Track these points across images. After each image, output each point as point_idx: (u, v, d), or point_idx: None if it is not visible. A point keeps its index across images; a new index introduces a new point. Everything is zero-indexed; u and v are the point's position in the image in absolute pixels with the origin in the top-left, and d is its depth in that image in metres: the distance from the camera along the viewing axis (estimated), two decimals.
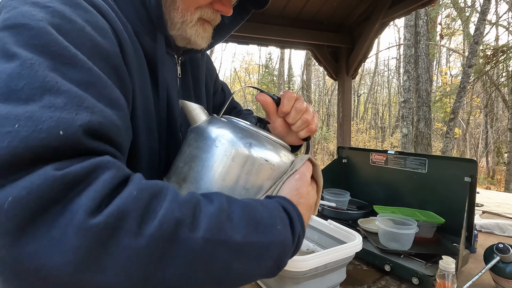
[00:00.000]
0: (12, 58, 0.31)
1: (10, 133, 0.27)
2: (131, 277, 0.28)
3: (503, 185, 8.16)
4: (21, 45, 0.32)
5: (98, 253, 0.27)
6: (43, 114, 0.28)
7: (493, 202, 2.00)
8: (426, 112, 7.38)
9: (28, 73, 0.30)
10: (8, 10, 0.35)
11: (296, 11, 3.12)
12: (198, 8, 0.53)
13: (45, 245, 0.25)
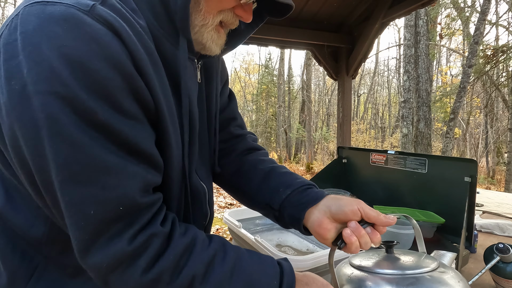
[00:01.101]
0: (57, 137, 0.37)
1: (90, 221, 0.39)
2: None
3: (503, 185, 8.16)
4: (61, 121, 0.37)
5: None
6: (100, 197, 0.39)
7: (493, 202, 2.00)
8: (426, 112, 7.38)
9: (80, 155, 0.38)
10: (32, 64, 0.36)
11: (296, 11, 3.12)
12: (220, 11, 0.52)
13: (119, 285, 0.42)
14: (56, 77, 0.36)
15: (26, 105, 0.36)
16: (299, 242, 1.05)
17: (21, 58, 0.36)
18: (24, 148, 0.37)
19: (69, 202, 0.37)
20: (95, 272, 0.40)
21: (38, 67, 0.36)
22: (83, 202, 0.37)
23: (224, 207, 5.35)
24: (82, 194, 0.37)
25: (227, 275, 0.45)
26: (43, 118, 0.35)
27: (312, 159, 13.48)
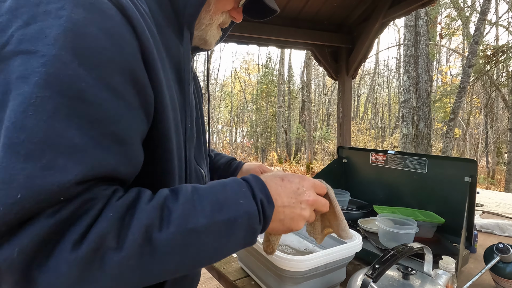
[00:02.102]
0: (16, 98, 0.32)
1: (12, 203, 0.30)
2: (125, 283, 0.35)
3: (503, 185, 8.17)
4: (30, 80, 0.32)
5: (88, 273, 0.32)
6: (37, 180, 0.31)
7: (493, 202, 2.00)
8: (426, 112, 7.38)
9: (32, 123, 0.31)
10: (22, 23, 0.33)
11: (296, 11, 3.12)
12: (222, 12, 0.58)
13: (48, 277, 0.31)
14: (43, 37, 0.33)
15: (1, 67, 0.33)
16: (298, 242, 1.05)
17: (8, 18, 0.34)
18: None
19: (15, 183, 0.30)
20: (10, 271, 0.30)
21: (28, 27, 0.33)
22: (13, 181, 0.30)
23: None
24: (13, 171, 0.30)
25: (189, 206, 0.39)
26: (15, 78, 0.32)
27: (312, 159, 13.49)
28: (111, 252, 0.33)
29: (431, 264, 0.72)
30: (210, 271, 1.08)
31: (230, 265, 1.03)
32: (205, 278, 2.54)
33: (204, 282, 2.53)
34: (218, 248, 0.41)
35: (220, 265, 1.03)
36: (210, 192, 0.42)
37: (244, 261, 0.98)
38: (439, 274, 0.71)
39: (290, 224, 0.49)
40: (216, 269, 1.03)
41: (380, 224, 1.01)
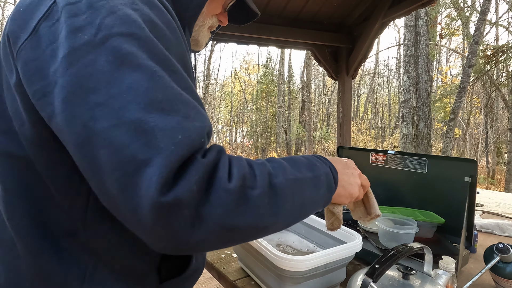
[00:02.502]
0: (140, 69, 0.37)
1: (175, 147, 0.35)
2: (261, 220, 0.40)
3: (503, 185, 8.16)
4: (145, 54, 0.38)
5: (238, 206, 0.37)
6: (185, 130, 0.37)
7: (493, 202, 2.00)
8: (426, 112, 7.38)
9: (165, 86, 0.38)
10: (105, 13, 0.38)
11: (296, 11, 3.12)
12: (213, 15, 0.64)
13: (212, 208, 0.36)
14: (133, 22, 0.39)
15: (99, 51, 0.37)
16: (299, 242, 1.05)
17: (90, 13, 0.38)
18: (97, 93, 0.35)
19: (155, 128, 0.35)
20: (182, 206, 0.34)
21: (113, 15, 0.38)
22: (173, 129, 0.36)
23: None
24: (168, 121, 0.36)
25: (285, 165, 0.47)
26: (123, 55, 0.37)
27: None
28: (250, 190, 0.39)
29: (431, 264, 0.72)
30: (210, 271, 1.08)
31: (230, 265, 1.03)
32: (205, 278, 2.54)
33: (204, 282, 2.53)
34: (311, 199, 0.48)
35: (220, 265, 1.03)
36: (293, 158, 0.51)
37: (244, 261, 0.98)
38: (439, 274, 0.71)
39: (350, 189, 0.57)
40: (216, 269, 1.03)
41: (380, 224, 1.01)
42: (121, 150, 0.34)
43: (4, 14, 15.36)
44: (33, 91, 0.39)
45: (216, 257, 1.11)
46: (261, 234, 0.43)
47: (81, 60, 0.36)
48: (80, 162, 0.37)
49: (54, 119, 0.38)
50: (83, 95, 0.36)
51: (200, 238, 0.36)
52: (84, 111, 0.35)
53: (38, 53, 0.39)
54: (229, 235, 0.38)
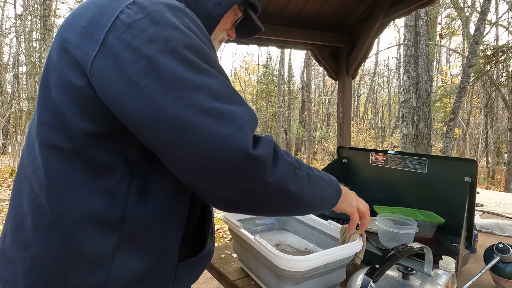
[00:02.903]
0: (207, 73, 0.49)
1: (248, 122, 0.49)
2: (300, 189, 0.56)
3: (503, 185, 8.16)
4: (205, 62, 0.50)
5: (293, 175, 0.54)
6: (248, 112, 0.51)
7: (493, 202, 1.99)
8: (426, 112, 7.38)
9: (225, 84, 0.51)
10: (170, 29, 0.49)
11: (296, 11, 3.12)
12: (223, 30, 0.74)
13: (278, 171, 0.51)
14: (191, 36, 0.50)
15: (171, 58, 0.47)
16: (298, 242, 1.05)
17: (156, 28, 0.48)
18: (176, 90, 0.46)
19: (234, 115, 0.48)
20: (263, 162, 0.48)
21: (176, 30, 0.49)
22: (242, 112, 0.49)
23: None
24: (233, 111, 0.48)
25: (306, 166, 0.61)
26: (190, 61, 0.48)
27: (312, 159, 13.49)
28: (297, 169, 0.55)
29: (431, 264, 0.72)
30: (210, 271, 1.08)
31: (230, 265, 1.03)
32: (205, 278, 2.54)
33: (204, 282, 2.53)
34: (326, 194, 0.65)
35: (220, 265, 1.03)
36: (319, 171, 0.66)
37: (244, 261, 0.98)
38: (439, 274, 0.71)
39: (345, 205, 0.75)
40: (216, 269, 1.03)
41: (380, 224, 1.01)
42: (207, 129, 0.45)
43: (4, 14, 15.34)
44: (110, 93, 0.47)
45: (216, 257, 1.11)
46: (298, 206, 0.57)
47: (158, 66, 0.46)
48: (165, 146, 0.47)
49: (134, 114, 0.47)
50: (165, 92, 0.45)
51: (270, 188, 0.50)
52: (168, 104, 0.45)
53: (111, 61, 0.47)
54: (282, 196, 0.52)
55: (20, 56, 14.59)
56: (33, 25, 15.81)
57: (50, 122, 0.52)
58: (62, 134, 0.51)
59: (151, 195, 0.55)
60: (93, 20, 0.50)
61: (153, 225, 0.55)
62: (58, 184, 0.51)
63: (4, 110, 11.57)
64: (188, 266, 0.62)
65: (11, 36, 16.83)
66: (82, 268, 0.52)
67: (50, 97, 0.52)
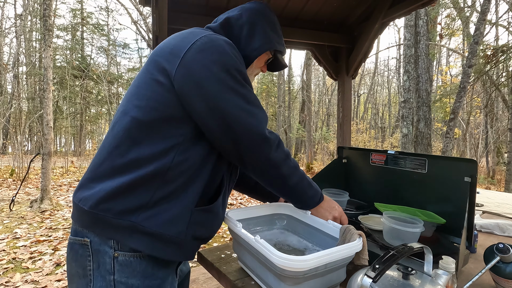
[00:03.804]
0: (245, 87, 0.82)
1: (265, 119, 0.84)
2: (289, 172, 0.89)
3: (503, 185, 8.16)
4: (244, 80, 0.83)
5: (288, 160, 0.88)
6: (265, 114, 0.85)
7: (493, 202, 2.00)
8: (426, 112, 7.38)
9: (254, 96, 0.84)
10: (227, 56, 0.80)
11: (296, 11, 3.12)
12: (258, 67, 1.04)
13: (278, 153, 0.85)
14: (239, 64, 0.82)
15: (227, 75, 0.78)
16: (298, 242, 1.05)
17: (218, 54, 0.79)
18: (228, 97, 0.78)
19: (258, 114, 0.82)
20: (270, 145, 0.82)
21: (231, 58, 0.81)
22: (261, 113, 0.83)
23: None
24: (258, 112, 0.82)
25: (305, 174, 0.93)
26: (237, 80, 0.80)
27: (312, 159, 13.48)
28: (289, 158, 0.88)
29: (431, 264, 0.72)
30: (210, 271, 1.08)
31: (230, 265, 1.03)
32: (205, 278, 2.54)
33: (204, 282, 2.53)
34: (305, 189, 0.94)
35: (220, 265, 1.03)
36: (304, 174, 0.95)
37: (244, 261, 0.98)
38: (439, 274, 0.71)
39: (324, 213, 1.00)
40: (216, 269, 1.03)
41: (386, 221, 1.01)
42: (244, 120, 0.79)
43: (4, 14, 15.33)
44: (184, 90, 0.77)
45: (216, 257, 1.11)
46: (283, 184, 0.88)
47: (218, 77, 0.77)
48: (214, 127, 0.78)
49: (198, 105, 0.77)
50: (221, 94, 0.77)
51: (270, 162, 0.83)
52: (222, 102, 0.77)
53: (188, 69, 0.77)
54: (275, 171, 0.85)
55: (20, 56, 14.57)
56: (33, 25, 15.80)
57: (137, 103, 0.80)
58: (141, 112, 0.78)
59: (189, 158, 0.80)
60: (177, 45, 0.80)
61: (186, 177, 0.80)
62: (128, 141, 0.78)
63: (4, 110, 11.56)
64: (200, 213, 0.83)
65: (11, 36, 16.83)
66: (141, 193, 0.77)
67: (139, 88, 0.82)
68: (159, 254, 0.77)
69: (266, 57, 1.03)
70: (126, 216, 0.75)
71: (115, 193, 0.75)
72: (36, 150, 13.22)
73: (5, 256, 3.08)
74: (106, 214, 0.75)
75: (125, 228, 0.75)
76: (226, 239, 3.78)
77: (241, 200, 5.85)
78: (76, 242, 0.78)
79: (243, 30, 0.95)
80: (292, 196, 0.93)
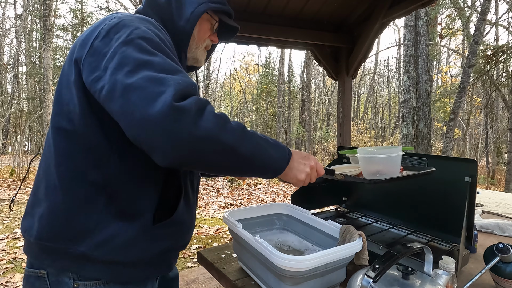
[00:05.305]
0: (155, 54, 0.63)
1: (180, 84, 0.59)
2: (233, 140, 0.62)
3: (503, 185, 8.16)
4: (154, 49, 0.65)
5: (223, 127, 0.60)
6: (184, 79, 0.61)
7: (493, 202, 2.00)
8: (426, 112, 7.38)
9: (168, 62, 0.64)
10: (132, 28, 0.66)
11: (296, 11, 3.12)
12: (204, 39, 0.89)
13: (205, 122, 0.59)
14: (148, 31, 0.67)
15: (129, 45, 0.63)
16: (298, 242, 1.05)
17: (126, 28, 0.66)
18: (128, 66, 0.60)
19: (169, 81, 0.59)
20: (187, 112, 0.57)
21: (138, 29, 0.66)
22: (177, 78, 0.61)
23: (224, 207, 5.34)
24: (170, 79, 0.60)
25: (256, 133, 0.68)
26: (142, 48, 0.63)
27: None
28: (229, 123, 0.62)
29: (431, 264, 0.72)
30: (210, 271, 1.08)
31: (230, 265, 1.03)
32: (205, 278, 2.54)
33: (204, 282, 2.53)
34: (265, 153, 0.67)
35: (220, 265, 1.03)
36: None
37: (244, 261, 0.98)
38: (439, 274, 0.71)
39: (296, 173, 0.74)
40: (216, 269, 1.03)
41: (363, 154, 0.93)
42: (145, 89, 0.57)
43: (4, 14, 15.34)
44: (92, 79, 0.63)
45: (216, 257, 1.11)
46: (234, 159, 0.62)
47: (119, 52, 0.62)
48: (119, 107, 0.58)
49: (103, 90, 0.60)
50: (121, 68, 0.60)
51: (198, 135, 0.57)
52: (121, 76, 0.59)
53: (94, 57, 0.64)
54: (214, 145, 0.59)
55: (20, 56, 14.58)
56: (33, 25, 15.80)
57: (58, 110, 0.70)
58: (66, 119, 0.69)
59: (128, 164, 0.69)
60: (87, 35, 0.69)
61: (133, 192, 0.70)
62: (63, 157, 0.69)
63: (4, 110, 11.56)
64: (160, 229, 0.73)
65: (11, 36, 16.82)
66: (81, 214, 0.68)
67: (60, 93, 0.71)
68: (124, 279, 0.70)
69: (209, 24, 0.88)
70: (74, 245, 0.66)
71: (55, 219, 0.67)
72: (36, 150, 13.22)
73: (5, 256, 3.08)
74: (53, 244, 0.67)
75: (78, 258, 0.67)
76: (226, 239, 3.78)
77: (241, 200, 5.85)
78: (32, 274, 0.70)
79: (171, 3, 0.81)
80: (254, 169, 0.67)
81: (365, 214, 1.45)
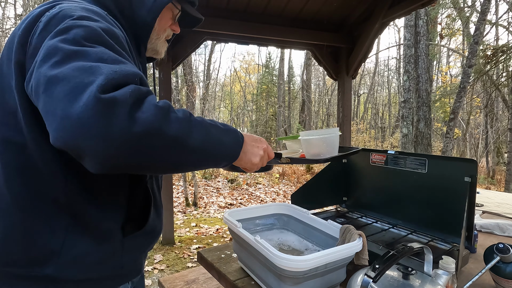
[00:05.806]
0: (93, 46, 0.54)
1: (116, 73, 0.50)
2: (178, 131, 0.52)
3: (503, 185, 8.16)
4: (94, 40, 0.55)
5: (166, 118, 0.51)
6: (124, 68, 0.52)
7: (493, 202, 1.99)
8: (426, 112, 7.38)
9: (108, 52, 0.54)
10: (71, 18, 0.57)
11: (296, 11, 3.12)
12: (165, 29, 0.82)
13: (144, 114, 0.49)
14: (94, 22, 0.58)
15: (58, 38, 0.53)
16: (299, 242, 1.05)
17: (64, 19, 0.57)
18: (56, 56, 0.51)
19: (99, 66, 0.50)
20: (117, 102, 0.47)
21: (76, 19, 0.57)
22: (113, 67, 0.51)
23: (224, 207, 5.34)
24: (110, 65, 0.51)
25: (204, 119, 0.60)
26: (75, 38, 0.53)
27: None
28: (174, 113, 0.53)
29: (431, 264, 0.72)
30: (210, 271, 1.08)
31: (230, 265, 1.03)
32: (205, 278, 2.54)
33: (204, 282, 2.53)
34: (217, 140, 0.60)
35: (220, 265, 1.03)
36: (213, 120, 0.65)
37: (244, 261, 0.98)
38: (439, 274, 0.71)
39: (251, 157, 0.70)
40: (216, 269, 1.03)
41: (305, 136, 0.94)
42: (71, 80, 0.47)
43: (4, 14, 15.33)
44: (26, 80, 0.56)
45: (216, 257, 1.11)
46: (183, 152, 0.54)
47: (50, 42, 0.53)
48: (43, 106, 0.49)
49: (31, 89, 0.53)
50: (48, 60, 0.51)
51: (133, 136, 0.47)
52: (46, 68, 0.50)
53: (34, 57, 0.55)
54: (158, 140, 0.50)
55: None
56: None
57: (3, 120, 0.62)
58: (13, 130, 0.61)
59: (85, 173, 0.58)
60: (25, 29, 0.60)
61: (95, 209, 0.64)
62: (13, 173, 0.61)
63: None
64: (131, 242, 0.70)
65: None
66: (43, 234, 0.61)
67: (3, 100, 0.62)
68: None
69: (171, 13, 0.82)
70: (36, 268, 0.61)
71: (12, 241, 0.61)
72: None
73: None
74: (13, 269, 0.61)
75: (43, 280, 0.62)
76: (226, 239, 3.78)
77: (241, 200, 5.85)
78: None
79: None
80: (208, 160, 0.61)
81: (365, 214, 1.45)
